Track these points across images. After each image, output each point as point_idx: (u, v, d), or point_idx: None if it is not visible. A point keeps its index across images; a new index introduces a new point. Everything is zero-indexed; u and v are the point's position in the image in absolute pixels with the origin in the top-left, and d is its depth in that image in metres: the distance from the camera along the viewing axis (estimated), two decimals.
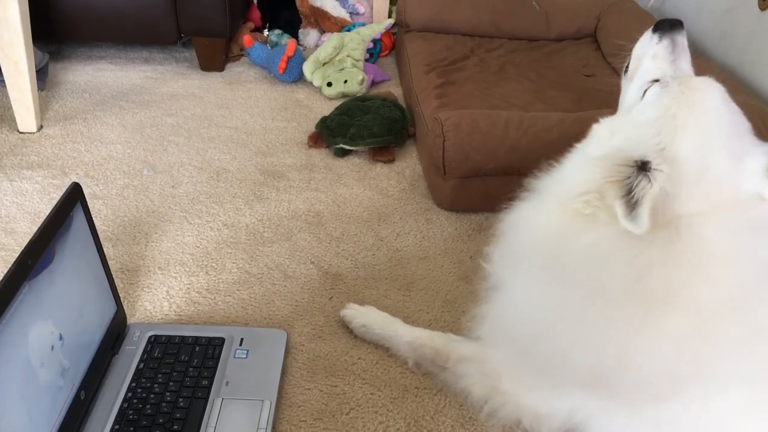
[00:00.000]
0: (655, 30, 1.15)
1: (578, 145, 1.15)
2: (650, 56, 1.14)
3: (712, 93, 1.03)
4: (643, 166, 0.96)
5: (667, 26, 1.14)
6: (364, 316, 1.38)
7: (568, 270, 1.02)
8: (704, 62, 2.13)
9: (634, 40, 1.22)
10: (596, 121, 1.14)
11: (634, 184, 0.95)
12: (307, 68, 2.40)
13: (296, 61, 2.42)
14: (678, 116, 1.00)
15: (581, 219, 1.01)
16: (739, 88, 1.95)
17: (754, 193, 1.00)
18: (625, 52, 1.24)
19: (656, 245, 0.95)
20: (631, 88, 1.15)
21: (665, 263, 0.95)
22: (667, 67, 1.11)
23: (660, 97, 1.04)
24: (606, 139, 1.07)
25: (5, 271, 0.89)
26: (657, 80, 1.08)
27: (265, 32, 2.78)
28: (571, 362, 1.03)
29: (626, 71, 1.21)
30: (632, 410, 1.03)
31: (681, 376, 0.96)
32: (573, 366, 1.03)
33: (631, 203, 0.95)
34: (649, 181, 0.94)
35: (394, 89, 2.43)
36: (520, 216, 1.16)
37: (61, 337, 1.02)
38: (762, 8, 2.10)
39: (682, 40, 1.14)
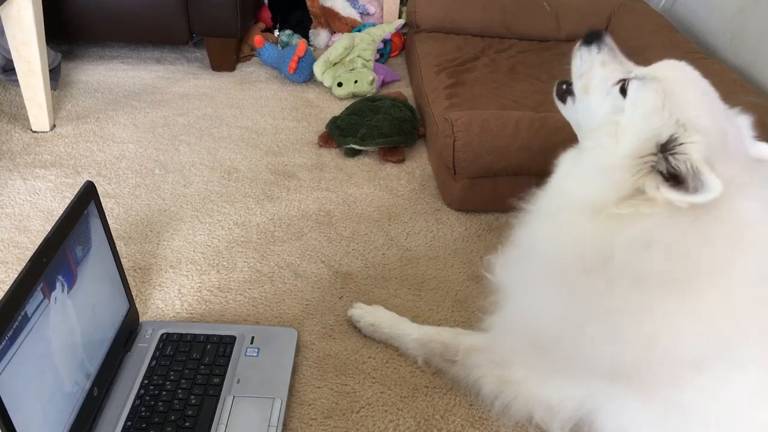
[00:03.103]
0: (589, 43, 1.19)
1: (560, 174, 1.17)
2: (599, 65, 1.16)
3: (687, 68, 1.07)
4: (664, 148, 0.97)
5: (598, 37, 1.19)
6: (372, 315, 1.38)
7: (605, 269, 1.01)
8: (714, 63, 2.13)
9: (646, 41, 1.24)
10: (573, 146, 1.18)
11: (671, 162, 0.95)
12: (318, 68, 2.41)
13: (307, 61, 2.43)
14: (677, 93, 1.01)
15: (619, 219, 1.00)
16: (750, 89, 1.94)
17: (756, 154, 1.04)
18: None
19: (696, 225, 0.95)
20: (593, 101, 1.15)
21: (705, 243, 0.95)
22: (620, 68, 1.14)
23: (647, 84, 1.05)
24: (612, 145, 1.06)
25: (20, 269, 0.90)
26: (622, 80, 1.10)
27: (276, 32, 2.79)
28: (595, 357, 1.03)
29: (563, 100, 1.24)
30: (646, 395, 1.04)
31: (705, 357, 0.96)
32: (596, 360, 1.03)
33: (677, 181, 0.94)
34: (685, 153, 0.94)
35: (404, 89, 2.43)
36: (535, 238, 1.17)
37: (74, 334, 1.03)
38: None
39: (613, 44, 1.18)
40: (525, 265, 1.20)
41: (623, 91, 1.08)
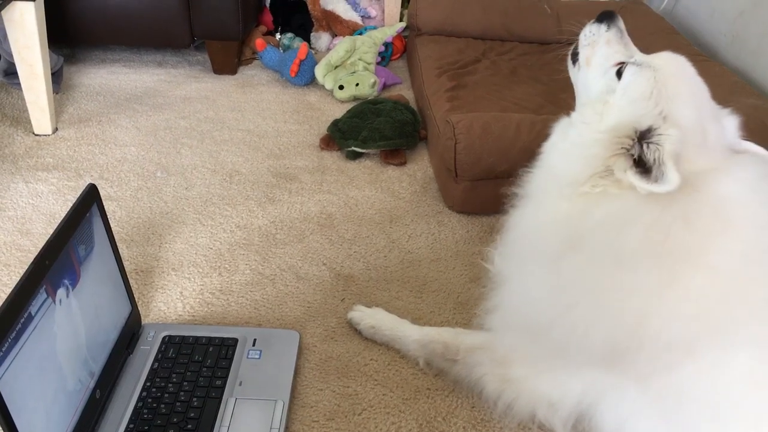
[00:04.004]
0: (601, 21, 1.23)
1: (550, 142, 1.21)
2: (604, 43, 1.20)
3: (685, 64, 1.11)
4: (642, 136, 1.01)
5: (610, 17, 1.22)
6: (372, 318, 1.39)
7: (584, 249, 1.04)
8: (715, 65, 2.13)
9: (647, 43, 1.26)
10: (567, 115, 1.21)
11: (644, 150, 0.99)
12: (319, 71, 2.42)
13: (308, 64, 2.43)
14: (668, 86, 1.05)
15: (591, 198, 1.04)
16: (751, 91, 1.95)
17: (738, 150, 1.08)
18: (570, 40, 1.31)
19: (675, 205, 0.97)
20: (592, 75, 1.20)
21: (686, 221, 0.97)
22: (623, 50, 1.18)
23: (642, 72, 1.08)
24: (596, 123, 1.10)
25: (23, 271, 0.90)
26: (621, 62, 1.14)
27: (278, 36, 2.79)
28: (588, 340, 1.04)
29: (574, 62, 1.27)
30: (642, 384, 1.04)
31: (698, 340, 0.96)
32: (589, 344, 1.04)
33: (645, 168, 0.98)
34: (658, 144, 0.98)
35: (405, 92, 2.44)
36: (523, 220, 1.21)
37: (78, 335, 1.04)
38: None
39: (623, 26, 1.22)
40: (516, 248, 1.22)
41: (619, 74, 1.11)
